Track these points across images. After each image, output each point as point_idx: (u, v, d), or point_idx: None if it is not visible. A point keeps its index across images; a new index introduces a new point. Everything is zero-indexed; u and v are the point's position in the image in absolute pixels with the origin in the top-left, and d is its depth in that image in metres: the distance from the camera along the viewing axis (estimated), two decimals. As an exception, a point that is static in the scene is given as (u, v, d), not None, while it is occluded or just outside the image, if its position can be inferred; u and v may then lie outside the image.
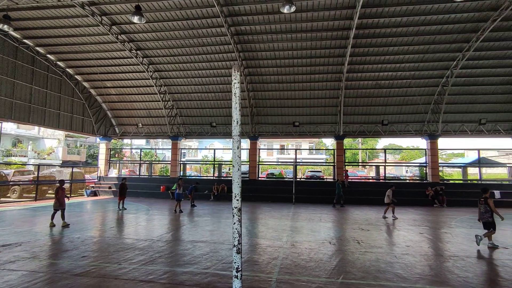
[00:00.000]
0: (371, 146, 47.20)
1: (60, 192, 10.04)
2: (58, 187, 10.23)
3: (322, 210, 15.01)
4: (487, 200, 7.81)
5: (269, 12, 14.87)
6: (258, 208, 15.87)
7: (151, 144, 49.85)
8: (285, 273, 5.68)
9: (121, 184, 14.59)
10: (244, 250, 7.20)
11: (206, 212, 14.22)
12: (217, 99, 21.40)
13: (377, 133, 20.98)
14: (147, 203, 17.39)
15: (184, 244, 7.83)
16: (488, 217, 7.75)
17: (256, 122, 21.78)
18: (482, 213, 7.92)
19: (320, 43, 16.76)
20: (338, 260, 6.49)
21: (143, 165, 30.34)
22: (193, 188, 16.26)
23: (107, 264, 6.05)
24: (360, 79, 18.74)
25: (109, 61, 19.63)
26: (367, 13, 14.53)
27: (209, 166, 36.81)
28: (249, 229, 9.98)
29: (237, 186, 3.06)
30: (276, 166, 34.68)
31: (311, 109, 20.83)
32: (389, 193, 12.76)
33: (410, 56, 17.07)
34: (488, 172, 26.47)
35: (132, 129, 23.92)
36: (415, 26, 15.19)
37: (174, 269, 5.80)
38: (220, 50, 17.87)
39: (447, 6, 13.93)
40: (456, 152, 38.91)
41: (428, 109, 19.59)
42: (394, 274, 5.64)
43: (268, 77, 19.55)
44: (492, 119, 19.38)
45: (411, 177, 29.38)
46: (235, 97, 3.21)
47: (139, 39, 17.55)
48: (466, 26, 15.10)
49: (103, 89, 22.04)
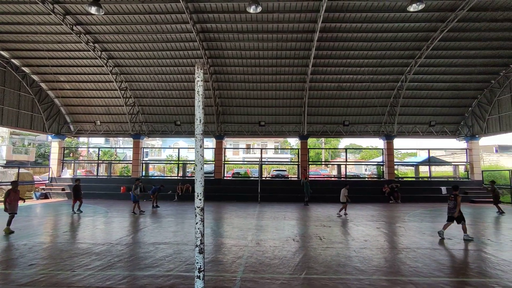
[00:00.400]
0: (334, 145, 49.12)
1: (12, 195, 9.10)
2: (10, 189, 9.27)
3: (286, 208, 15.31)
4: (457, 197, 8.43)
5: (236, 11, 14.83)
6: (223, 207, 15.77)
7: (111, 143, 47.27)
8: (250, 271, 5.69)
9: (74, 186, 13.68)
10: (209, 250, 7.10)
11: (170, 212, 13.80)
12: (181, 97, 20.87)
13: (339, 133, 21.89)
14: (105, 205, 16.44)
15: (146, 246, 7.52)
16: (453, 212, 8.41)
17: (222, 121, 21.61)
18: (451, 208, 8.55)
19: (286, 44, 17.07)
20: (301, 257, 6.66)
21: (101, 165, 28.64)
22: (157, 189, 15.74)
23: (59, 271, 5.61)
24: (323, 81, 19.40)
25: (63, 54, 18.23)
26: (330, 17, 15.09)
27: (173, 165, 35.80)
28: (214, 229, 9.87)
29: (199, 186, 3.00)
30: (242, 166, 34.72)
31: (276, 109, 21.15)
32: (344, 192, 13.06)
33: (369, 60, 18.04)
34: (437, 170, 28.86)
35: (89, 127, 22.46)
36: (374, 33, 16.08)
37: (134, 273, 5.54)
38: (185, 47, 17.44)
39: (402, 15, 14.93)
40: (410, 152, 41.91)
41: (385, 111, 20.86)
42: (353, 268, 5.92)
43: (234, 76, 19.49)
44: (440, 121, 21.15)
45: (369, 175, 31.06)
46: (198, 95, 3.15)
47: (97, 31, 16.53)
48: (418, 35, 16.31)
49: (56, 83, 20.37)
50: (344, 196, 12.97)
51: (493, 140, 37.15)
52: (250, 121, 21.66)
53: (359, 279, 5.32)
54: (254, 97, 20.63)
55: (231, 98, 20.81)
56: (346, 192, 13.06)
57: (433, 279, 5.29)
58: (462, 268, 5.98)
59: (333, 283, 5.13)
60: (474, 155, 21.31)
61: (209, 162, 28.91)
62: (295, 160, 28.13)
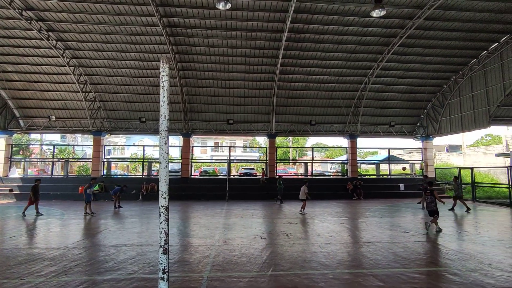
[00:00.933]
0: (301, 144, 50.32)
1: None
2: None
3: (254, 206, 15.38)
4: (433, 192, 9.11)
5: (204, 6, 14.54)
6: (190, 206, 15.45)
7: (68, 140, 44.25)
8: (217, 270, 5.62)
9: (34, 186, 12.62)
10: (175, 251, 6.91)
11: (134, 213, 13.23)
12: (147, 92, 20.07)
13: (306, 132, 22.43)
14: (62, 206, 15.32)
15: (107, 249, 7.12)
16: (433, 206, 9.06)
17: (190, 118, 21.15)
18: (429, 203, 9.18)
19: (255, 43, 17.09)
20: (269, 254, 6.71)
21: (57, 163, 26.68)
22: (119, 189, 15.00)
23: (5, 280, 5.12)
24: (291, 80, 19.74)
25: (10, 41, 16.66)
26: (298, 18, 15.36)
27: (138, 164, 34.38)
28: (181, 229, 9.63)
29: (164, 184, 2.88)
30: (210, 164, 34.30)
31: (245, 107, 21.14)
32: (304, 189, 13.12)
33: (335, 62, 18.67)
34: (396, 168, 30.73)
35: (42, 122, 20.77)
36: (340, 35, 16.65)
37: (93, 278, 5.22)
38: (151, 41, 16.77)
39: (366, 20, 15.63)
40: (371, 151, 44.19)
41: (349, 112, 21.75)
42: (318, 263, 6.09)
43: (203, 73, 19.14)
44: (399, 122, 22.53)
45: (334, 173, 32.25)
46: (163, 91, 3.03)
47: (52, 18, 15.29)
48: (380, 40, 17.18)
49: (2, 73, 18.55)
50: (304, 193, 12.99)
51: (444, 140, 40.43)
52: (218, 119, 21.42)
53: (324, 273, 5.48)
54: (222, 95, 20.42)
55: (199, 95, 20.41)
56: (306, 189, 13.08)
57: (391, 270, 5.60)
58: (417, 259, 6.40)
59: (298, 278, 5.23)
60: (428, 154, 22.99)
61: (176, 160, 28.20)
62: (264, 158, 28.36)
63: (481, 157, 29.50)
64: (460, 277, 5.27)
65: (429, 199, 9.20)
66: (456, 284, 4.99)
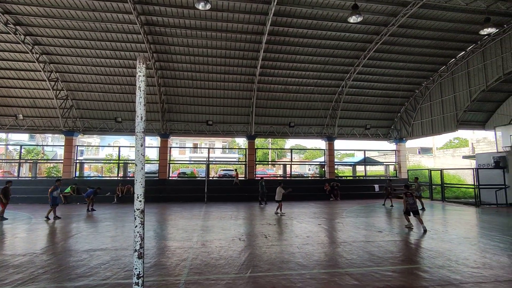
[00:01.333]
0: (280, 146, 50.73)
1: None
2: None
3: (233, 208, 15.32)
4: (412, 194, 9.76)
5: (184, 6, 14.35)
6: (168, 208, 15.14)
7: (37, 140, 42.04)
8: (195, 273, 5.55)
9: (4, 188, 11.82)
10: (152, 254, 6.74)
11: (108, 216, 12.77)
12: (123, 92, 19.48)
13: (285, 134, 22.67)
14: (29, 210, 14.51)
15: (78, 254, 6.82)
16: (416, 206, 9.62)
17: (168, 119, 20.75)
18: (411, 204, 9.64)
19: (235, 44, 17.07)
20: (247, 255, 6.71)
21: (24, 164, 25.24)
22: (93, 192, 14.43)
23: (-35, 290, 4.77)
24: (271, 82, 19.89)
25: (-24, 35, 15.64)
26: (278, 21, 15.52)
27: (113, 165, 33.22)
28: (158, 232, 9.41)
29: (140, 186, 2.80)
30: (188, 165, 33.79)
31: (224, 108, 21.04)
32: (280, 190, 13.35)
33: (314, 65, 19.02)
34: (372, 169, 31.72)
35: (8, 121, 19.58)
36: (318, 39, 17.00)
37: (63, 285, 4.98)
38: (128, 39, 16.32)
39: (343, 26, 16.05)
40: (348, 153, 45.33)
41: (327, 114, 22.23)
42: (296, 263, 6.16)
43: (181, 73, 18.86)
44: (374, 125, 23.32)
45: (312, 175, 32.77)
46: (139, 91, 2.95)
47: (19, 11, 14.49)
48: (357, 45, 17.72)
49: (-34, 69, 17.39)
50: (280, 194, 13.21)
51: (417, 142, 42.25)
52: (197, 120, 21.17)
53: (301, 273, 5.55)
54: (201, 96, 20.21)
55: (177, 96, 20.08)
56: (282, 190, 13.30)
57: (365, 269, 5.77)
58: (390, 257, 6.64)
59: (277, 279, 5.26)
60: (402, 156, 23.95)
61: (154, 162, 27.55)
62: (243, 160, 28.33)
63: (450, 159, 31.09)
64: (430, 274, 5.53)
65: (412, 200, 9.69)
66: (425, 280, 5.23)
